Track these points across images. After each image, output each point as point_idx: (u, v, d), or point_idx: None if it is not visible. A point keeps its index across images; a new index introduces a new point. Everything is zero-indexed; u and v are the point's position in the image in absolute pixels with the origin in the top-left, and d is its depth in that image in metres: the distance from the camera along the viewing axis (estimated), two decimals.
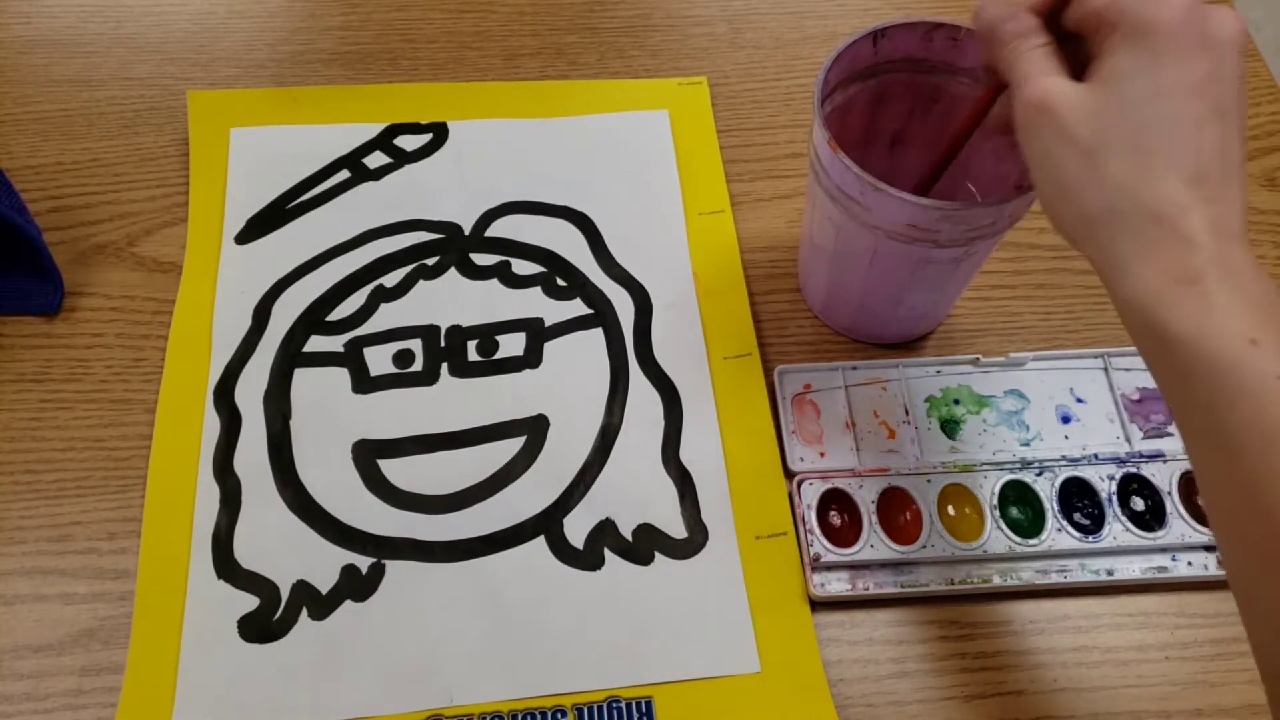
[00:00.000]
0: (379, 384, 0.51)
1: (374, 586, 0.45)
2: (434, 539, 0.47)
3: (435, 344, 0.52)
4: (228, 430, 0.49)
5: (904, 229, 0.42)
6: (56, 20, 0.63)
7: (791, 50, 0.64)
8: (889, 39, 0.45)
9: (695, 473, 0.49)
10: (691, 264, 0.55)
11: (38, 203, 0.56)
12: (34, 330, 0.52)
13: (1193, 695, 0.44)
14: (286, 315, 0.53)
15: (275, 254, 0.54)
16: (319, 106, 0.60)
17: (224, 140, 0.58)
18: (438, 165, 0.58)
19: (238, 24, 0.64)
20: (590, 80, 0.62)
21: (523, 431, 0.50)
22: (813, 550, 0.45)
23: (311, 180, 0.57)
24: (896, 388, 0.50)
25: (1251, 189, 0.59)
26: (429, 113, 0.60)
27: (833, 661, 0.44)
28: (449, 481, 0.48)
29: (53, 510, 0.47)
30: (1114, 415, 0.50)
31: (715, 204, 0.57)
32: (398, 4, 0.65)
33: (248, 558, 0.46)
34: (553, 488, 0.48)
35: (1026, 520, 0.47)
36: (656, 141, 0.59)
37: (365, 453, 0.49)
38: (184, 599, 0.45)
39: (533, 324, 0.53)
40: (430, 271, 0.54)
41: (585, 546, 0.47)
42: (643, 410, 0.50)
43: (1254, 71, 0.64)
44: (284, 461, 0.48)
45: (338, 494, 0.48)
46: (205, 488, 0.47)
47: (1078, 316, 0.54)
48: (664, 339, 0.53)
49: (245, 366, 0.51)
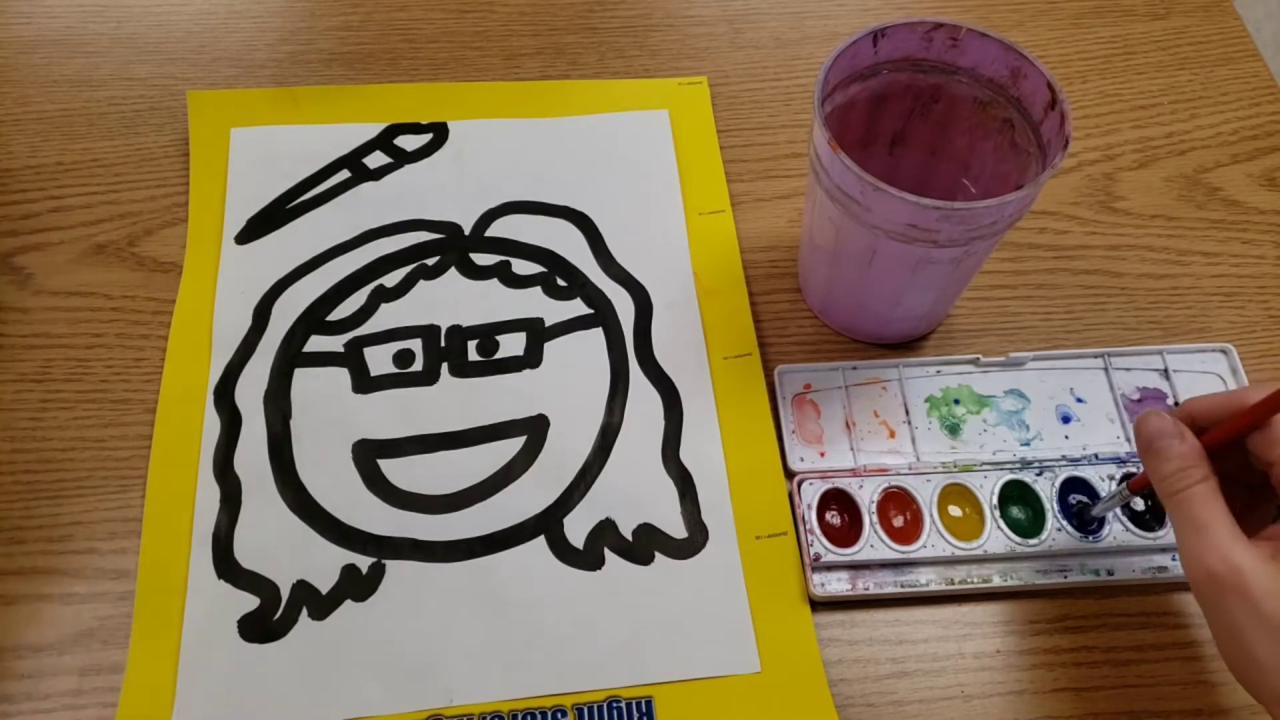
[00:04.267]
0: (379, 384, 0.51)
1: (374, 586, 0.45)
2: (434, 539, 0.47)
3: (435, 344, 0.52)
4: (228, 430, 0.49)
5: (904, 229, 0.42)
6: (57, 20, 0.63)
7: (791, 50, 0.64)
8: (889, 39, 0.45)
9: (695, 473, 0.49)
10: (692, 264, 0.55)
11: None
12: (34, 330, 0.52)
13: (1193, 695, 0.44)
14: (287, 315, 0.53)
15: (275, 254, 0.54)
16: (319, 106, 0.60)
17: (224, 140, 0.58)
18: (438, 165, 0.58)
19: (238, 24, 0.64)
20: (590, 80, 0.62)
21: (523, 431, 0.50)
22: (813, 550, 0.45)
23: (312, 180, 0.57)
24: (896, 388, 0.50)
25: (1251, 189, 0.59)
26: (429, 113, 0.60)
27: (833, 661, 0.44)
28: (449, 481, 0.48)
29: (53, 510, 0.47)
30: (1114, 415, 0.50)
31: (715, 204, 0.57)
32: (398, 4, 0.65)
33: (248, 557, 0.46)
34: (553, 488, 0.48)
35: (1026, 520, 0.47)
36: (657, 141, 0.59)
37: (365, 452, 0.49)
38: (184, 599, 0.45)
39: (533, 324, 0.53)
40: (430, 271, 0.54)
41: (585, 546, 0.47)
42: (643, 410, 0.50)
43: (1254, 71, 0.64)
44: (284, 461, 0.48)
45: (338, 494, 0.48)
46: (205, 487, 0.47)
47: (1078, 316, 0.54)
48: (664, 339, 0.53)
49: (245, 366, 0.51)
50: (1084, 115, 0.62)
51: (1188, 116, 0.62)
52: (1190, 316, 0.54)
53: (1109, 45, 0.65)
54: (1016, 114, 0.46)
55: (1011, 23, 0.66)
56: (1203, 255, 0.57)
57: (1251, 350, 0.53)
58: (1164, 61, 0.64)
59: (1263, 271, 0.56)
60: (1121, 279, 0.56)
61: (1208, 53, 0.65)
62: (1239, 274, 0.56)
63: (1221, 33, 0.66)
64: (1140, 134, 0.61)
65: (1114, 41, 0.65)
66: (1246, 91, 0.63)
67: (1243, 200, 0.59)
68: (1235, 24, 0.66)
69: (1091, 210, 0.58)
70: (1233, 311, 0.54)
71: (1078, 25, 0.66)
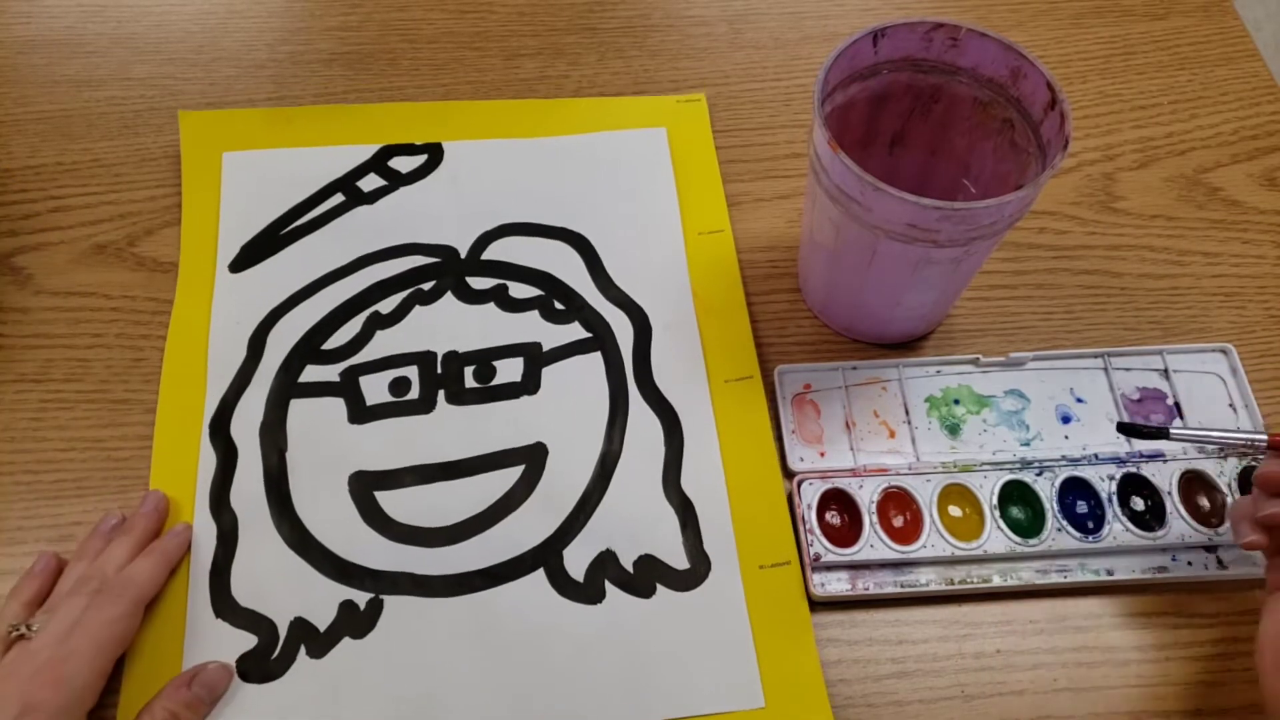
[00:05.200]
0: (375, 413, 0.50)
1: (372, 623, 0.44)
2: (432, 573, 0.46)
3: (432, 371, 0.51)
4: (223, 465, 0.48)
5: (904, 229, 0.42)
6: (56, 20, 0.63)
7: (791, 50, 0.64)
8: (889, 39, 0.45)
9: (697, 501, 0.48)
10: (691, 285, 0.54)
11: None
12: (34, 330, 0.52)
13: (1193, 695, 0.44)
14: (282, 345, 0.51)
15: (270, 282, 0.53)
16: (313, 126, 0.59)
17: (216, 164, 0.57)
18: (433, 187, 0.57)
19: (237, 24, 0.64)
20: (587, 98, 0.61)
21: (521, 460, 0.49)
22: (813, 550, 0.45)
23: (305, 205, 0.56)
24: (896, 388, 0.50)
25: (1251, 189, 0.59)
26: (424, 133, 0.59)
27: (832, 661, 0.44)
28: (447, 513, 0.47)
29: (53, 511, 0.47)
30: (1114, 415, 0.50)
31: (715, 223, 0.56)
32: (398, 4, 0.65)
33: (245, 595, 0.45)
34: (552, 518, 0.47)
35: (1026, 520, 0.47)
36: (654, 160, 0.58)
37: (362, 485, 0.48)
38: (183, 639, 0.44)
39: (530, 349, 0.52)
40: (426, 296, 0.53)
41: (586, 579, 0.46)
42: (643, 436, 0.49)
43: (1253, 71, 0.64)
44: (281, 495, 0.47)
45: (335, 528, 0.47)
46: (202, 524, 0.46)
47: (1077, 316, 0.54)
48: (664, 362, 0.52)
49: (241, 399, 0.50)
50: (1084, 115, 0.62)
51: (1187, 116, 0.62)
52: (1190, 316, 0.54)
53: (1109, 45, 0.65)
54: (1016, 114, 0.46)
55: (1011, 23, 0.66)
56: (1203, 255, 0.57)
57: (1251, 350, 0.53)
58: (1164, 61, 0.64)
59: (1263, 271, 0.56)
60: (1121, 279, 0.56)
61: (1207, 53, 0.65)
62: (1239, 274, 0.56)
63: (1221, 33, 0.66)
64: (1140, 134, 0.61)
65: (1114, 41, 0.65)
66: (1246, 91, 0.63)
67: (1243, 200, 0.59)
68: (1235, 24, 0.66)
69: (1091, 210, 0.58)
70: (1233, 311, 0.54)
71: (1077, 25, 0.66)
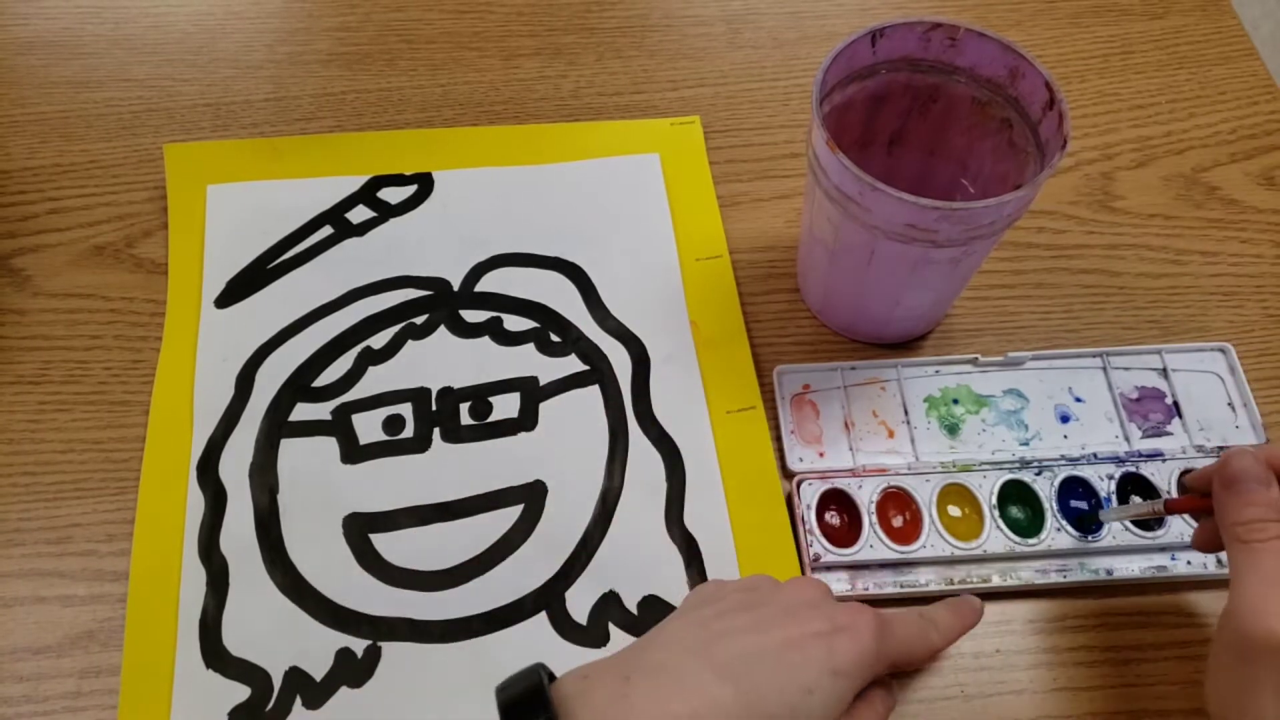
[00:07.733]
0: (369, 453, 0.48)
1: (370, 671, 0.43)
2: (431, 618, 0.44)
3: (426, 408, 0.50)
4: (212, 508, 0.47)
5: (902, 229, 0.42)
6: (54, 21, 0.63)
7: (790, 50, 0.64)
8: (887, 39, 0.45)
9: (701, 538, 0.46)
10: (689, 314, 0.53)
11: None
12: (33, 332, 0.52)
13: (1193, 695, 0.44)
14: (271, 382, 0.50)
15: (257, 317, 0.52)
16: (300, 157, 0.57)
17: (201, 197, 0.55)
18: (424, 218, 0.56)
19: (236, 25, 0.64)
20: (579, 123, 0.60)
21: (520, 499, 0.47)
22: (812, 550, 0.45)
23: (293, 238, 0.55)
24: (895, 387, 0.50)
25: (1249, 188, 0.59)
26: (413, 162, 0.58)
27: None
28: (445, 555, 0.46)
29: (52, 512, 0.47)
30: (1113, 414, 0.50)
31: (712, 249, 0.55)
32: (396, 4, 0.65)
33: (237, 644, 0.43)
34: (553, 559, 0.46)
35: (1026, 520, 0.47)
36: (648, 186, 0.57)
37: (357, 527, 0.46)
38: (171, 692, 0.42)
39: (527, 383, 0.50)
40: (419, 331, 0.52)
41: (589, 622, 0.44)
42: (644, 472, 0.48)
43: (1251, 70, 0.64)
44: (272, 540, 0.46)
45: (329, 573, 0.45)
46: (191, 570, 0.45)
47: (1076, 316, 0.54)
48: (663, 394, 0.50)
49: (229, 439, 0.48)
50: (1082, 115, 0.62)
51: (1186, 115, 0.62)
52: (1189, 315, 0.54)
53: (1107, 45, 0.65)
54: (1015, 113, 0.46)
55: (1010, 22, 0.66)
56: (1201, 254, 0.57)
57: (1250, 349, 0.53)
58: (1162, 61, 0.64)
59: (1261, 270, 0.56)
60: (1120, 278, 0.56)
61: (1205, 52, 0.65)
62: (1237, 273, 0.56)
63: (1219, 32, 0.66)
64: (1138, 133, 0.61)
65: (1112, 41, 0.65)
66: (1244, 90, 0.63)
67: (1241, 199, 0.59)
68: (1233, 23, 0.66)
69: (1090, 210, 0.58)
70: (1231, 310, 0.54)
71: (1076, 25, 0.66)
